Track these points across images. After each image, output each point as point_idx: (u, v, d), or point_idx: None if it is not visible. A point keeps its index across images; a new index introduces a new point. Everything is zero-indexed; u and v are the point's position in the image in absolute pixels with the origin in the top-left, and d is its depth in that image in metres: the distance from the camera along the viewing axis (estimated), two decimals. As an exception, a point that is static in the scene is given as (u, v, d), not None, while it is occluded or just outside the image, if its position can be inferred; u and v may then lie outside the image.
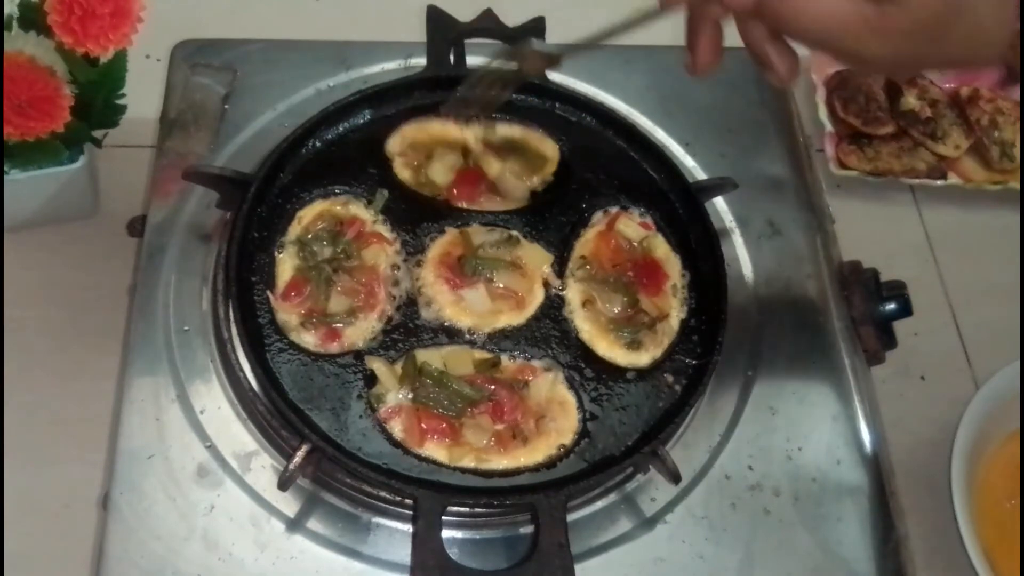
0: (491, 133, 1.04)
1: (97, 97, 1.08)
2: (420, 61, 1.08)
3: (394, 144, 1.04)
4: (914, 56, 0.74)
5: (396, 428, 0.89)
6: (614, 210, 1.03)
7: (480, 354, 0.94)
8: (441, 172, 1.03)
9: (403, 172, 1.04)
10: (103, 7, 1.00)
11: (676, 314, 0.99)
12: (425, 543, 0.80)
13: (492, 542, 0.91)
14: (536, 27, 1.07)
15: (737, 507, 0.93)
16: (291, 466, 0.85)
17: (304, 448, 0.85)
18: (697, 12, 0.78)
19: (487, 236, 1.00)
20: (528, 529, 0.89)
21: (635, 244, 1.01)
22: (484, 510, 0.90)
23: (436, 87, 1.07)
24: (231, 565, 0.87)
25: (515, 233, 1.01)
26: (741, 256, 1.08)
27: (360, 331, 0.94)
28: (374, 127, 1.05)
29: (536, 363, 0.94)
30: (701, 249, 1.01)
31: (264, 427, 0.93)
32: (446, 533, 0.83)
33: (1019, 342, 1.18)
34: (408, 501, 0.86)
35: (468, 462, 0.88)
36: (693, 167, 1.12)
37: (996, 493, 1.10)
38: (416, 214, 1.01)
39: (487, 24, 1.08)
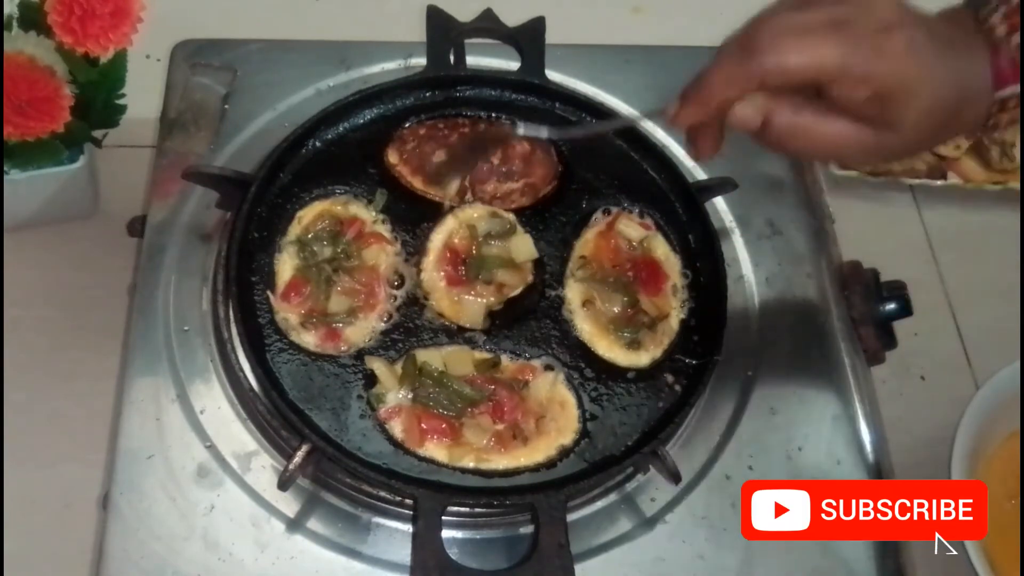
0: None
1: (97, 97, 1.08)
2: (420, 61, 1.08)
3: (394, 154, 1.04)
4: (908, 156, 0.88)
5: (396, 428, 0.89)
6: (614, 210, 1.03)
7: (480, 354, 0.94)
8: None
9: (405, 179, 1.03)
10: (103, 7, 1.00)
11: (676, 314, 0.98)
12: (425, 543, 0.80)
13: (492, 542, 0.91)
14: (536, 27, 1.07)
15: (737, 507, 0.93)
16: (291, 466, 0.85)
17: (304, 448, 0.85)
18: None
19: (490, 224, 0.98)
20: (528, 529, 0.89)
21: (635, 244, 1.01)
22: (484, 510, 0.90)
23: (436, 87, 1.07)
24: (231, 565, 0.87)
25: (511, 219, 0.99)
26: (741, 256, 1.08)
27: (360, 331, 0.94)
28: (374, 127, 1.05)
29: (536, 363, 0.94)
30: (701, 249, 1.01)
31: (264, 427, 0.93)
32: (446, 533, 0.83)
33: (1019, 342, 1.18)
34: (408, 501, 0.86)
35: (468, 462, 0.88)
36: (693, 167, 1.12)
37: (996, 493, 1.10)
38: (416, 214, 1.01)
39: (487, 24, 1.08)
